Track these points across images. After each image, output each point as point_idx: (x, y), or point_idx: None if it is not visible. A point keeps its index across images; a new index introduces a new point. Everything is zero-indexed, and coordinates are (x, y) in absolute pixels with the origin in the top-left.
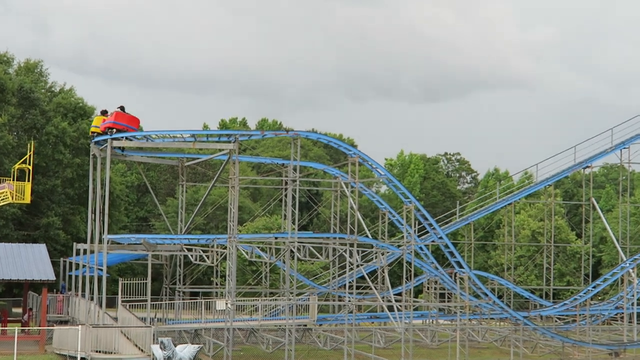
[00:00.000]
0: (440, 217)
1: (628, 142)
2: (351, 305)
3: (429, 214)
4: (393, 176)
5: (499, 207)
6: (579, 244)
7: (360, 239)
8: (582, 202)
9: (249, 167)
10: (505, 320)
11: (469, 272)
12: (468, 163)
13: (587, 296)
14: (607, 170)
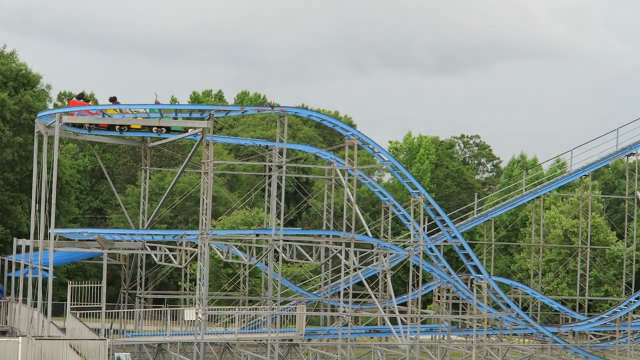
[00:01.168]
0: (454, 212)
1: None
2: (346, 317)
3: (442, 208)
4: (399, 162)
5: (525, 201)
6: (620, 247)
7: (359, 237)
8: (624, 197)
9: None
10: (531, 336)
11: (488, 279)
12: (489, 148)
13: (629, 309)
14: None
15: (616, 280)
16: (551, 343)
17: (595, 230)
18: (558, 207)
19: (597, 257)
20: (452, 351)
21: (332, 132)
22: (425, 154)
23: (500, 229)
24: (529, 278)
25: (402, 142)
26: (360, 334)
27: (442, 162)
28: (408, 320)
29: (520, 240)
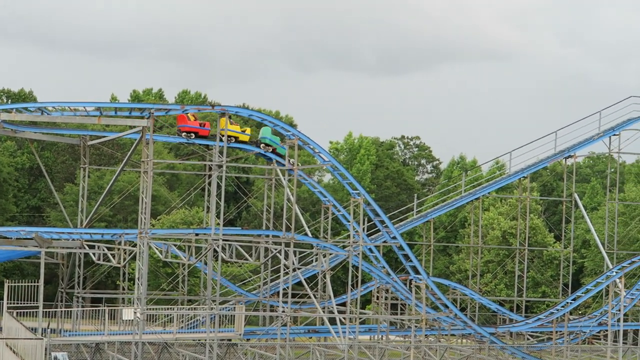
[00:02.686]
0: (394, 212)
1: (618, 128)
2: (285, 317)
3: (381, 209)
4: (339, 163)
5: (464, 202)
6: (558, 248)
7: (298, 237)
8: (562, 199)
9: (165, 148)
10: (469, 337)
11: (427, 280)
12: (429, 149)
13: (566, 310)
14: (593, 161)
15: (553, 281)
16: (489, 343)
17: (533, 231)
18: (497, 208)
19: (535, 258)
20: (390, 351)
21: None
22: (366, 155)
23: (440, 229)
24: (467, 279)
25: (342, 142)
26: (299, 334)
27: (382, 163)
28: (347, 321)
29: (459, 241)
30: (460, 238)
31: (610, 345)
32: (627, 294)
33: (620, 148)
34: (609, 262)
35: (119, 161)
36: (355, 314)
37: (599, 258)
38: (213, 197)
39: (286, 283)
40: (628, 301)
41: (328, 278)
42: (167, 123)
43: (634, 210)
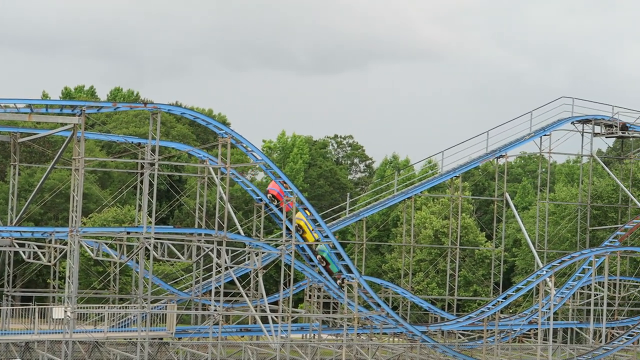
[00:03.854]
0: (327, 211)
1: (549, 129)
2: (217, 316)
3: (314, 208)
4: (272, 161)
5: (396, 201)
6: (489, 247)
7: (231, 236)
8: (494, 198)
9: (97, 146)
10: (401, 335)
11: (359, 278)
12: (362, 148)
13: (497, 308)
14: (524, 161)
15: (485, 280)
16: (420, 342)
17: (464, 230)
18: (429, 207)
19: (467, 257)
20: (322, 350)
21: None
22: (299, 154)
23: (372, 228)
24: (399, 278)
25: (275, 141)
26: (231, 332)
27: (315, 162)
28: (279, 319)
29: (392, 240)
30: (392, 237)
31: (540, 344)
32: (557, 292)
33: (551, 148)
34: (539, 261)
35: (50, 159)
36: (288, 313)
37: (530, 257)
38: (145, 196)
39: (218, 282)
40: (558, 300)
41: (260, 277)
42: (98, 121)
43: (564, 209)
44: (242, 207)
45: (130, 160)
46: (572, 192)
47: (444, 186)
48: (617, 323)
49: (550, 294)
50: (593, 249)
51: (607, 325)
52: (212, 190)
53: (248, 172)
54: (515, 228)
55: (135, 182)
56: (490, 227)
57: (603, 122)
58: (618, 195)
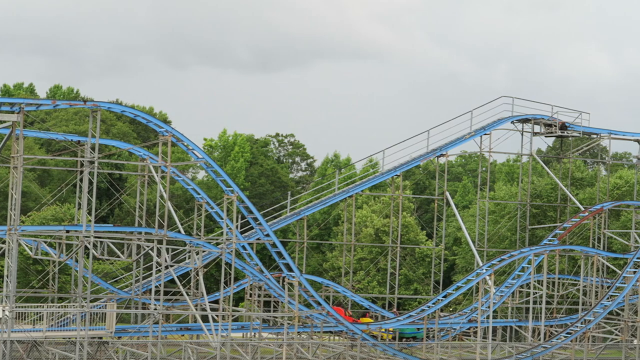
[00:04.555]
0: (268, 210)
1: (489, 128)
2: (157, 315)
3: (255, 206)
4: (213, 160)
5: (337, 200)
6: (430, 246)
7: (171, 234)
8: (434, 197)
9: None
10: (341, 334)
11: (300, 277)
12: (303, 147)
13: (437, 307)
14: (464, 160)
15: (425, 278)
16: (360, 340)
17: (405, 229)
18: (370, 206)
19: (407, 255)
20: (263, 349)
21: (147, 129)
22: (240, 152)
23: (313, 227)
24: (340, 276)
25: (217, 139)
26: (171, 331)
27: (256, 161)
28: (219, 318)
29: (333, 238)
30: (333, 236)
31: (479, 342)
32: (496, 291)
33: (491, 147)
34: (479, 260)
35: None
36: (228, 312)
37: (470, 256)
38: (85, 194)
39: (158, 280)
40: (497, 298)
41: (201, 275)
42: (38, 118)
43: (504, 208)
44: (183, 206)
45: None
46: (512, 191)
47: (385, 185)
48: (556, 321)
49: (489, 293)
50: (532, 248)
51: (545, 323)
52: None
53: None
54: (456, 227)
55: (75, 181)
56: (431, 226)
57: (542, 121)
58: (557, 194)
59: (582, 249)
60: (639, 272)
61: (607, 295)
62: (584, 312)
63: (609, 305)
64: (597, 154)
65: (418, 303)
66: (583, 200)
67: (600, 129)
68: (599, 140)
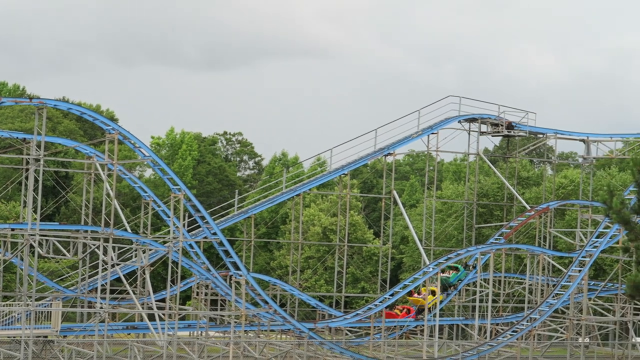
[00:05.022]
0: (215, 208)
1: (437, 127)
2: (103, 313)
3: (202, 204)
4: (160, 158)
5: (285, 198)
6: (377, 244)
7: (118, 232)
8: (382, 196)
9: None
10: (288, 332)
11: (247, 276)
12: (251, 145)
13: (384, 305)
14: (412, 159)
15: (372, 277)
16: (307, 339)
17: (353, 228)
18: (318, 205)
19: (355, 254)
20: (209, 347)
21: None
22: (188, 150)
23: (261, 226)
24: (287, 275)
25: (164, 137)
26: (117, 330)
27: (204, 159)
28: (166, 317)
29: (280, 237)
30: (281, 234)
31: (426, 340)
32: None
33: (438, 146)
34: (426, 258)
35: None
36: (175, 310)
37: (417, 254)
38: (30, 192)
39: (105, 279)
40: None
41: (147, 274)
42: None
43: (451, 207)
44: (130, 204)
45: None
46: (459, 190)
47: (333, 183)
48: (502, 319)
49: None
50: (479, 246)
51: (492, 321)
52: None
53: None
54: (403, 225)
55: (20, 178)
56: (378, 225)
57: (489, 121)
58: (503, 194)
59: (528, 247)
60: (584, 271)
61: (552, 294)
62: (530, 311)
63: (554, 304)
64: (543, 154)
65: (365, 301)
66: (529, 200)
67: (547, 128)
68: (545, 139)
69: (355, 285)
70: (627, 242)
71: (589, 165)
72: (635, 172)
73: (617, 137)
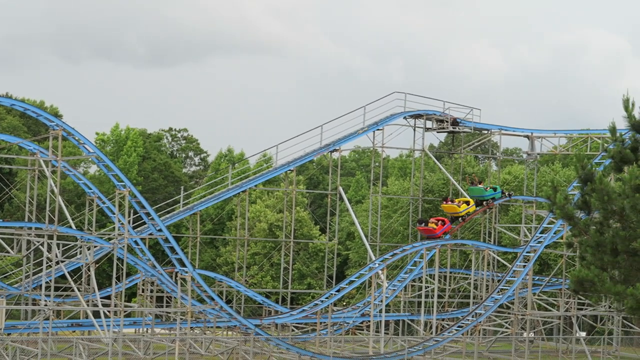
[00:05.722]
0: (161, 205)
1: (382, 123)
2: (48, 311)
3: (148, 201)
4: (104, 154)
5: (231, 194)
6: (323, 240)
7: (62, 229)
8: (328, 192)
9: None
10: (234, 329)
11: (193, 272)
12: (197, 142)
13: (330, 301)
14: (358, 155)
15: (319, 273)
16: (254, 335)
17: (299, 224)
18: (264, 201)
19: (301, 250)
20: (155, 344)
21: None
22: (133, 147)
23: (207, 222)
24: (234, 271)
25: (109, 134)
26: (62, 327)
27: (149, 155)
28: (111, 314)
29: (226, 233)
30: (227, 230)
31: (372, 336)
32: (388, 285)
33: (383, 142)
34: (372, 254)
35: None
36: (120, 307)
37: (363, 250)
38: None
39: (49, 276)
40: (390, 292)
41: (92, 271)
42: None
43: (397, 203)
44: (75, 201)
45: None
46: (405, 186)
47: (279, 180)
48: (447, 315)
49: (382, 287)
50: (424, 242)
51: (437, 316)
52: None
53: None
54: (349, 221)
55: None
56: (324, 221)
57: (434, 117)
58: (449, 189)
59: (473, 243)
60: (528, 266)
61: (497, 289)
62: (475, 306)
63: (499, 299)
64: (487, 150)
65: (312, 297)
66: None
67: (491, 124)
68: (490, 136)
69: (301, 281)
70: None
71: (533, 161)
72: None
73: (561, 134)
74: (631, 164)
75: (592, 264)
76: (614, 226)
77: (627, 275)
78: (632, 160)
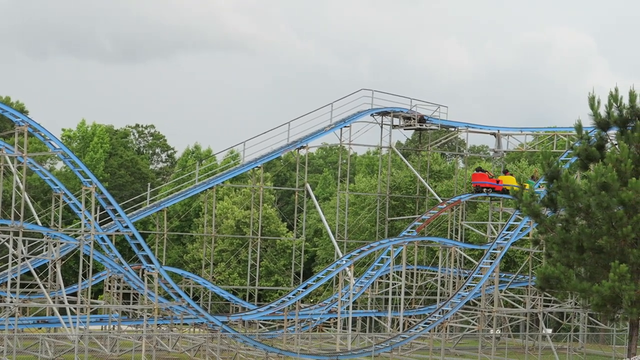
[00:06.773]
0: (127, 201)
1: (349, 120)
2: (13, 308)
3: (114, 198)
4: (70, 151)
5: (198, 191)
6: (290, 238)
7: (28, 226)
8: (295, 189)
9: None
10: (201, 326)
11: (159, 269)
12: (164, 138)
13: (297, 298)
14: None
15: (286, 270)
16: (221, 332)
17: (266, 221)
18: (231, 198)
19: (268, 247)
20: (122, 341)
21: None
22: (99, 143)
23: (174, 219)
24: (201, 268)
25: (75, 130)
26: (28, 324)
27: (116, 152)
28: (78, 311)
29: (193, 230)
30: (194, 227)
31: (339, 333)
32: (356, 282)
33: (351, 140)
34: (339, 251)
35: None
36: (87, 304)
37: (330, 247)
38: None
39: (14, 273)
40: (357, 289)
41: (58, 268)
42: None
43: (364, 200)
44: (41, 197)
45: None
46: (372, 183)
47: (246, 176)
48: (415, 312)
49: (349, 284)
50: (391, 239)
51: (404, 313)
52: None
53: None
54: (316, 218)
55: None
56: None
57: (402, 114)
58: (416, 187)
59: (440, 240)
60: (495, 263)
61: (464, 286)
62: (442, 303)
63: (466, 296)
64: (454, 147)
65: (279, 294)
66: (441, 193)
67: (458, 122)
68: (457, 133)
69: (268, 278)
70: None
71: (500, 158)
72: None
73: (527, 131)
74: (597, 162)
75: (558, 261)
76: (580, 223)
77: (592, 272)
78: (597, 158)
